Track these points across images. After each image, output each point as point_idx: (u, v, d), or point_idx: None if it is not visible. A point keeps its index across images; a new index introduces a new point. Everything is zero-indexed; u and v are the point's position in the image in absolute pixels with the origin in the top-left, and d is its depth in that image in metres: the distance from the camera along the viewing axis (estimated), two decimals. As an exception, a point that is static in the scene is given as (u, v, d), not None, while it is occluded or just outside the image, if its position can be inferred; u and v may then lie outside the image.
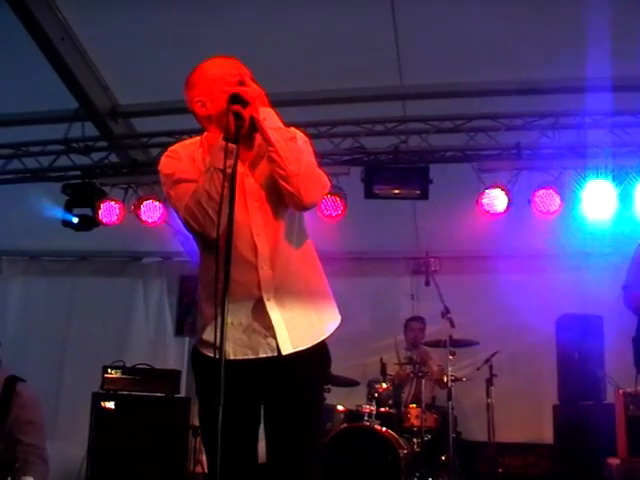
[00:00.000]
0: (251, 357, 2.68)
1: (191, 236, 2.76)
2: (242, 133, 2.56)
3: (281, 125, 2.63)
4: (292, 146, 2.60)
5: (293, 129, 2.83)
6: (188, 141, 2.88)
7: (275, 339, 2.67)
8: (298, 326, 2.71)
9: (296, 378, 2.70)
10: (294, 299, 2.72)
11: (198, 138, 2.85)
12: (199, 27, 5.50)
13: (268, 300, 2.67)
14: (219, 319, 2.35)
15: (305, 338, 2.72)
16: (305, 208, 2.72)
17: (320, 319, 2.80)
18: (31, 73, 5.80)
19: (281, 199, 2.67)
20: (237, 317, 2.63)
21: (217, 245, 2.46)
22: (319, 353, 2.78)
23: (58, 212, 6.79)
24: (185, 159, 2.76)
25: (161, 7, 5.36)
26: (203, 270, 2.80)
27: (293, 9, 5.31)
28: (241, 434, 2.68)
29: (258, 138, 2.71)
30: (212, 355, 2.65)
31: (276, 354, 2.67)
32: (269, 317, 2.67)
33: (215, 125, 2.73)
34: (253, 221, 2.69)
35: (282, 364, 2.67)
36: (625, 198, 6.00)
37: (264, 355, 2.68)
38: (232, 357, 2.60)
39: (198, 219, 2.58)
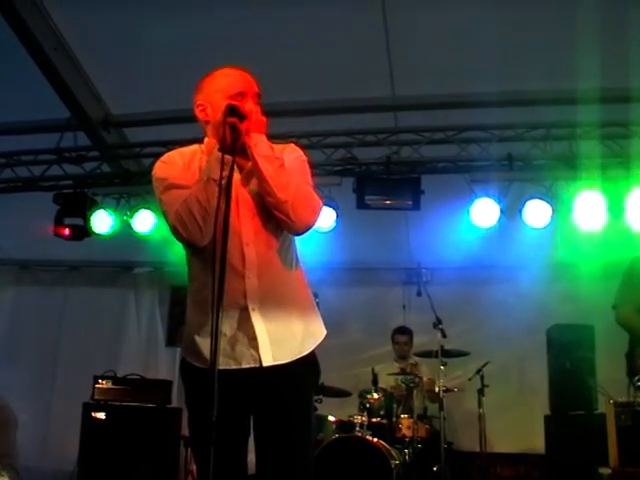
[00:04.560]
0: (234, 367, 2.66)
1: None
2: (238, 145, 2.56)
3: (271, 153, 2.64)
4: (281, 173, 2.61)
5: (292, 145, 2.87)
6: (185, 148, 2.89)
7: (257, 350, 2.65)
8: (281, 339, 2.69)
9: (283, 389, 2.69)
10: (279, 311, 2.71)
11: (196, 146, 2.85)
12: (191, 38, 5.52)
13: (253, 310, 2.66)
14: (206, 328, 2.34)
15: (287, 352, 2.70)
16: (298, 233, 2.74)
17: (305, 333, 2.78)
18: (23, 82, 5.80)
19: (273, 213, 2.67)
20: (222, 326, 2.52)
21: (207, 253, 2.46)
22: (306, 366, 2.76)
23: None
24: (180, 166, 2.77)
25: (154, 18, 5.37)
26: (191, 277, 2.80)
27: (285, 21, 5.34)
28: (230, 445, 2.66)
29: None
30: (199, 365, 2.67)
31: (258, 365, 2.66)
32: (253, 327, 2.66)
33: (212, 132, 2.75)
34: (244, 230, 2.69)
35: (266, 375, 2.66)
36: (615, 209, 6.03)
37: (247, 366, 2.66)
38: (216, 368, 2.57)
39: (187, 226, 2.59)
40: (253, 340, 2.66)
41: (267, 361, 2.65)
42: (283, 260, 2.77)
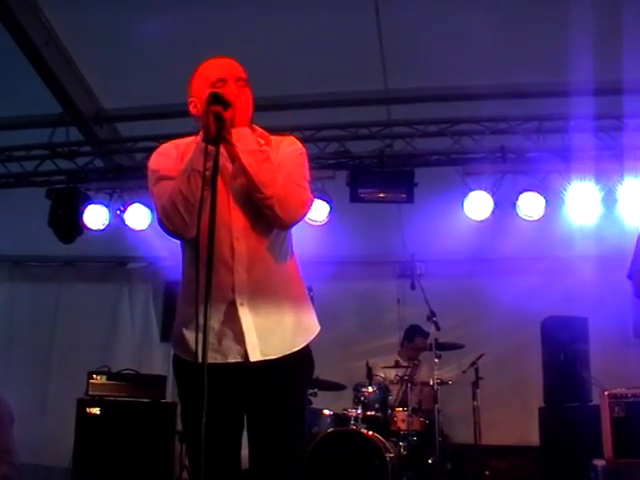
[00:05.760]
0: (219, 362, 2.62)
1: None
2: (223, 135, 2.52)
3: (255, 147, 2.60)
4: (267, 168, 2.57)
5: (291, 138, 2.83)
6: (181, 140, 2.85)
7: (244, 345, 2.63)
8: (270, 334, 2.66)
9: (271, 385, 2.66)
10: (270, 305, 2.68)
11: (192, 137, 2.80)
12: (184, 32, 5.50)
13: (241, 305, 2.63)
14: (194, 322, 2.33)
15: (276, 347, 2.67)
16: (286, 227, 2.70)
17: (296, 329, 2.74)
18: (14, 77, 5.78)
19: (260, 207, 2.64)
20: (210, 320, 2.47)
21: (197, 246, 2.44)
22: (297, 360, 2.73)
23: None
24: (174, 157, 2.73)
25: (146, 12, 5.35)
26: (183, 270, 2.78)
27: (277, 14, 5.32)
28: (223, 439, 2.65)
29: None
30: (188, 358, 2.64)
31: (244, 360, 2.63)
32: (240, 322, 2.63)
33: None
34: (234, 224, 2.65)
35: (256, 370, 2.63)
36: (609, 201, 6.04)
37: (233, 360, 2.64)
38: (201, 361, 2.41)
39: (172, 220, 2.56)
40: (240, 335, 2.63)
41: (254, 357, 2.63)
42: (276, 254, 2.73)
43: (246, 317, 2.64)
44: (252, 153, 2.57)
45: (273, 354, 2.66)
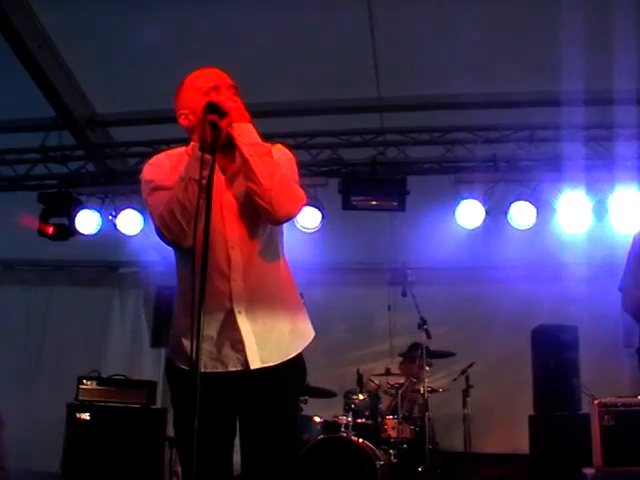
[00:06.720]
0: (220, 370, 2.65)
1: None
2: (219, 143, 2.54)
3: (257, 141, 2.61)
4: (266, 161, 2.58)
5: (279, 146, 2.84)
6: (174, 150, 2.86)
7: (244, 353, 2.64)
8: (268, 341, 2.68)
9: (268, 392, 2.67)
10: (266, 313, 2.69)
11: (182, 148, 2.82)
12: (177, 37, 5.51)
13: (239, 313, 2.65)
14: (192, 331, 2.33)
15: (274, 354, 2.69)
16: (279, 222, 2.70)
17: (292, 335, 2.77)
18: (7, 80, 5.77)
19: (258, 214, 2.64)
20: (208, 329, 2.56)
21: (192, 255, 2.45)
22: (292, 367, 2.75)
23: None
24: (167, 168, 2.74)
25: (140, 17, 5.36)
26: (179, 279, 2.79)
27: (271, 22, 5.33)
28: (216, 446, 2.65)
29: None
30: (185, 367, 2.64)
31: (245, 368, 2.64)
32: (239, 330, 2.64)
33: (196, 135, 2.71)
34: (229, 233, 2.67)
35: (253, 378, 2.64)
36: (599, 210, 6.07)
37: (234, 369, 2.65)
38: (202, 370, 2.43)
39: (170, 228, 2.56)
40: (239, 343, 2.64)
41: (255, 364, 2.64)
42: (270, 261, 2.75)
43: (244, 325, 2.65)
44: (254, 146, 2.59)
45: (272, 361, 2.68)
